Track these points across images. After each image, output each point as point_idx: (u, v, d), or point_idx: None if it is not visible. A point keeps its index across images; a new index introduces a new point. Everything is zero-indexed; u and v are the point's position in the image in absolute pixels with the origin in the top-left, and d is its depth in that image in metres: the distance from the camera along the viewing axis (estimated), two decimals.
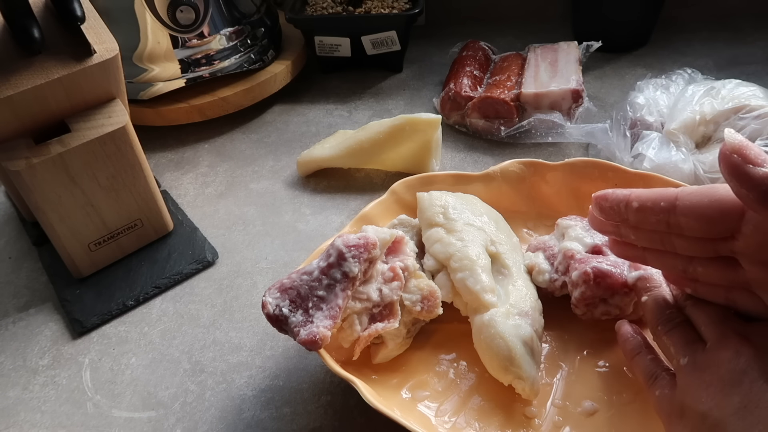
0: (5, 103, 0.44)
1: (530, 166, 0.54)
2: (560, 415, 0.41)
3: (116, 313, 0.52)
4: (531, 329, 0.41)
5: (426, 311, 0.43)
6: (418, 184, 0.54)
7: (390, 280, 0.43)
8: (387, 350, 0.43)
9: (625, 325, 0.41)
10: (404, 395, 0.42)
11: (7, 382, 0.48)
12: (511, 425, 0.40)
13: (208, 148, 0.72)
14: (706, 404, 0.31)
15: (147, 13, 0.67)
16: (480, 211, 0.49)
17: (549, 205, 0.54)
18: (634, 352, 0.39)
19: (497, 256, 0.46)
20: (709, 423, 0.30)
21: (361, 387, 0.38)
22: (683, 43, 0.84)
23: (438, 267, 0.46)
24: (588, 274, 0.42)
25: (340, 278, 0.40)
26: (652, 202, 0.32)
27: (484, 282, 0.43)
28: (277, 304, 0.40)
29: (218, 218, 0.62)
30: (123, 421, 0.44)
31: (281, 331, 0.40)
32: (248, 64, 0.74)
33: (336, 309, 0.39)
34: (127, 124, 0.50)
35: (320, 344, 0.38)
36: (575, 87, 0.65)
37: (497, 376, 0.41)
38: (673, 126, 0.59)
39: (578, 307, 0.44)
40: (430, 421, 0.41)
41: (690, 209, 0.31)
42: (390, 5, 0.80)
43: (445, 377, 0.44)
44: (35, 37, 0.45)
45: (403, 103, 0.77)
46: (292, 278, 0.41)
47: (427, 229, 0.48)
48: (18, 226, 0.62)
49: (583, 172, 0.53)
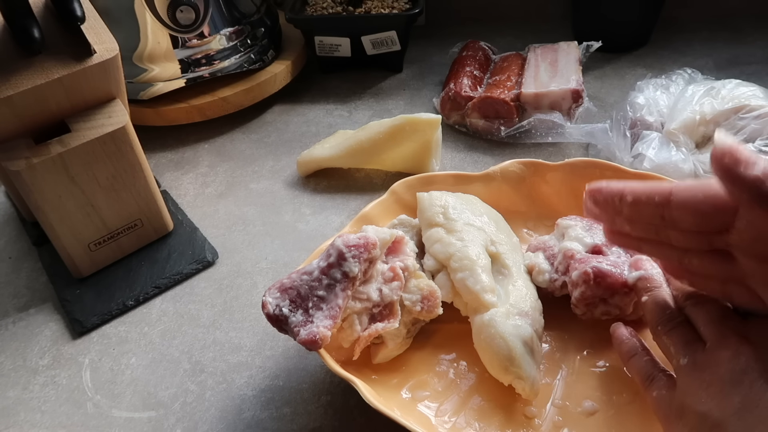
0: (5, 103, 0.44)
1: (530, 166, 0.54)
2: (560, 415, 0.41)
3: (116, 313, 0.52)
4: (531, 329, 0.41)
5: (426, 311, 0.43)
6: (418, 185, 0.53)
7: (390, 280, 0.43)
8: (387, 350, 0.43)
9: (620, 328, 0.41)
10: (404, 395, 0.42)
11: (7, 382, 0.48)
12: (512, 425, 0.40)
13: (208, 148, 0.72)
14: (705, 404, 0.31)
15: (147, 13, 0.67)
16: (480, 211, 0.49)
17: (549, 205, 0.54)
18: (630, 354, 0.39)
19: (497, 256, 0.46)
20: (709, 423, 0.30)
21: (361, 387, 0.38)
22: (683, 43, 0.84)
23: (438, 267, 0.46)
24: (588, 274, 0.42)
25: (340, 278, 0.40)
26: (646, 197, 0.32)
27: (484, 282, 0.43)
28: (277, 304, 0.40)
29: (218, 218, 0.62)
30: (123, 421, 0.44)
31: (281, 331, 0.40)
32: (248, 64, 0.74)
33: (336, 309, 0.39)
34: (127, 124, 0.50)
35: (320, 344, 0.38)
36: (575, 87, 0.65)
37: (497, 376, 0.41)
38: (673, 126, 0.59)
39: (578, 307, 0.44)
40: (430, 421, 0.41)
41: (684, 204, 0.31)
42: (390, 5, 0.80)
43: (445, 377, 0.44)
44: (35, 37, 0.45)
45: (403, 103, 0.77)
46: (292, 278, 0.41)
47: (427, 229, 0.48)
48: (18, 226, 0.62)
49: (583, 172, 0.53)
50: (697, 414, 0.31)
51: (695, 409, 0.31)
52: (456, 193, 0.51)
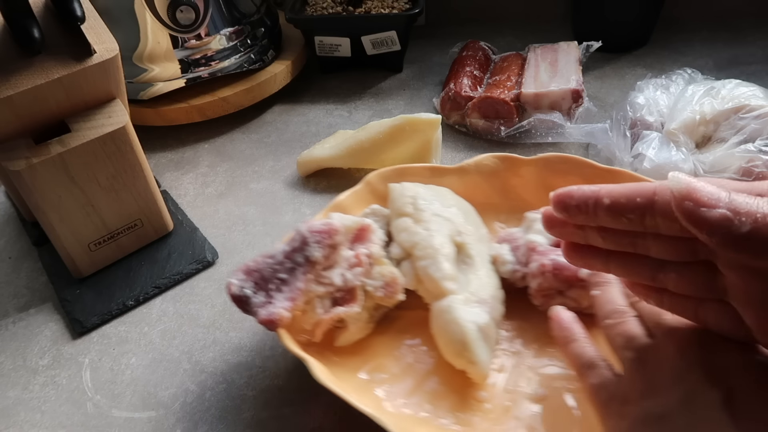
0: (5, 103, 0.44)
1: (504, 160, 0.55)
2: (510, 400, 0.42)
3: (116, 313, 0.52)
4: (488, 317, 0.42)
5: (387, 297, 0.45)
6: (393, 176, 0.54)
7: (354, 266, 0.44)
8: (349, 333, 0.44)
9: (561, 311, 0.41)
10: (362, 377, 0.44)
11: (7, 382, 0.48)
12: (462, 408, 0.41)
13: (208, 148, 0.72)
14: (650, 397, 0.31)
15: (147, 13, 0.67)
16: (450, 203, 0.50)
17: (522, 198, 0.55)
18: (568, 340, 0.38)
19: (462, 246, 0.47)
20: (654, 415, 0.30)
21: (311, 364, 0.39)
22: (683, 43, 0.84)
23: (404, 255, 0.47)
24: (545, 266, 0.43)
25: (302, 262, 0.42)
26: (626, 198, 0.28)
27: (445, 270, 0.43)
28: (241, 285, 0.41)
29: (218, 218, 0.62)
30: (123, 421, 0.44)
31: (244, 311, 0.41)
32: (248, 64, 0.74)
33: (296, 291, 0.41)
34: (127, 124, 0.50)
35: (277, 324, 0.40)
36: (575, 87, 0.65)
37: (451, 361, 0.42)
38: (673, 126, 0.59)
39: (536, 298, 0.45)
40: (381, 402, 0.42)
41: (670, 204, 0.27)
42: (390, 5, 0.80)
43: (404, 361, 0.45)
44: (35, 37, 0.45)
45: (403, 103, 0.77)
46: (257, 261, 0.42)
47: (396, 219, 0.48)
48: (18, 226, 0.62)
49: (556, 167, 0.53)
50: (640, 406, 0.31)
51: (639, 402, 0.31)
52: (428, 185, 0.51)
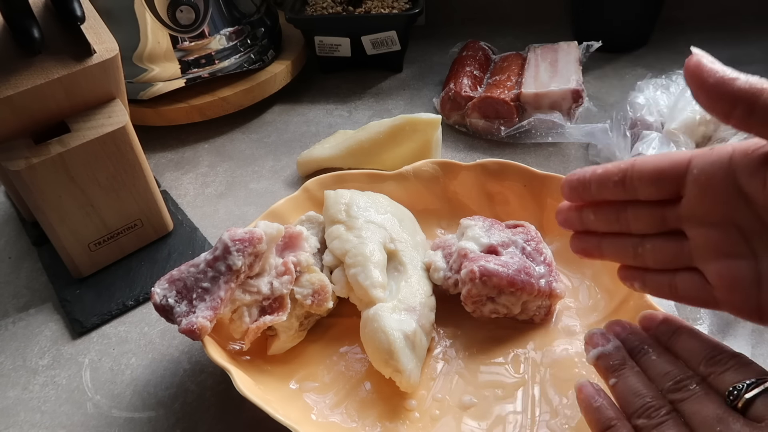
0: (5, 103, 0.44)
1: (443, 166, 0.55)
2: (438, 408, 0.42)
3: (116, 313, 0.52)
4: (416, 324, 0.42)
5: (316, 305, 0.44)
6: (331, 182, 0.54)
7: (282, 274, 0.44)
8: (280, 342, 0.44)
9: (587, 387, 0.34)
10: (292, 386, 0.44)
11: (7, 382, 0.48)
12: (389, 417, 0.41)
13: (208, 148, 0.72)
14: None
15: (147, 13, 0.67)
16: (385, 210, 0.50)
17: (462, 204, 0.55)
18: (608, 425, 0.32)
19: (395, 254, 0.47)
20: None
21: (234, 375, 0.39)
22: (683, 43, 0.84)
23: (336, 263, 0.47)
24: (474, 273, 0.43)
25: (224, 271, 0.41)
26: (612, 165, 0.35)
27: (374, 278, 0.44)
28: (165, 294, 0.41)
29: (218, 218, 0.62)
30: (123, 421, 0.44)
31: (168, 320, 0.41)
32: (248, 64, 0.74)
33: (218, 300, 0.41)
34: (127, 124, 0.50)
35: (198, 333, 0.39)
36: (575, 87, 0.65)
37: (379, 369, 0.41)
38: (673, 126, 0.59)
39: (467, 305, 0.45)
40: (310, 412, 0.41)
41: (645, 163, 0.33)
42: (390, 5, 0.80)
43: (336, 369, 0.45)
44: (35, 37, 0.45)
45: (403, 103, 0.77)
46: (181, 270, 0.42)
47: (329, 226, 0.48)
48: (18, 226, 0.62)
49: (494, 173, 0.54)
50: None
51: None
52: (365, 192, 0.51)
